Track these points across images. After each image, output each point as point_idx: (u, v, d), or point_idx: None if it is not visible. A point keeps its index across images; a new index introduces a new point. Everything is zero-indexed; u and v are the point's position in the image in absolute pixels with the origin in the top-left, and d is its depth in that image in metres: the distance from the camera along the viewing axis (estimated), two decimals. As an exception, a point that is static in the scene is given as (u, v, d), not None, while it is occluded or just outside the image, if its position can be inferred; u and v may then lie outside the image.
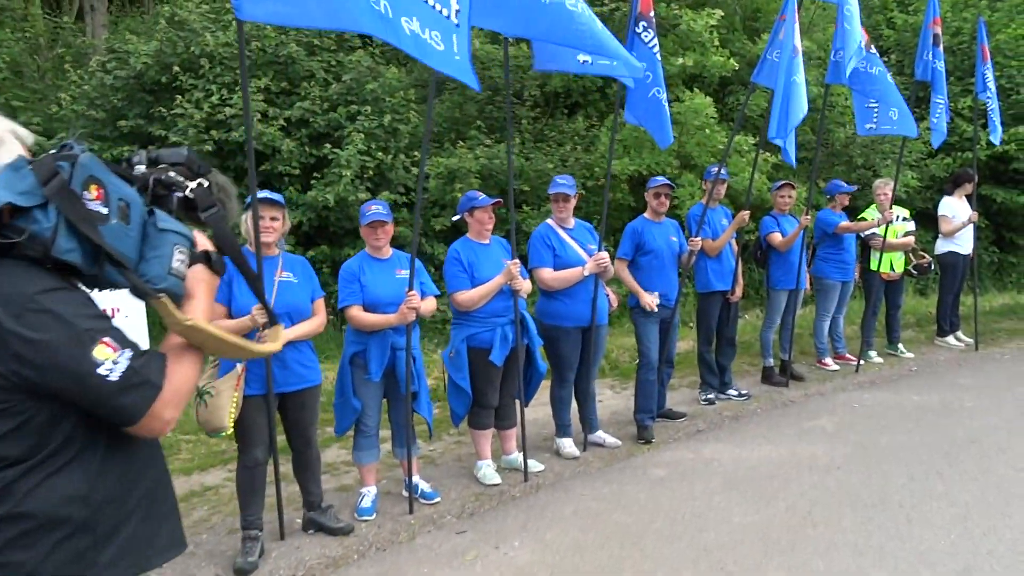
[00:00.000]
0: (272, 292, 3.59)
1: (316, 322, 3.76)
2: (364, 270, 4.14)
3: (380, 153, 8.11)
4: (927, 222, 12.39)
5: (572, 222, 5.16)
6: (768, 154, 9.96)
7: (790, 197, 6.81)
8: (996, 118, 7.71)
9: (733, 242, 6.31)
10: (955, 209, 8.10)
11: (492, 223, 4.63)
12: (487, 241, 4.67)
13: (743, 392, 6.49)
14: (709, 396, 6.39)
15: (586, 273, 4.92)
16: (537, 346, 4.77)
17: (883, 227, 7.16)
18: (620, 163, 9.25)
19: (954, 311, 8.47)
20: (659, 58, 4.94)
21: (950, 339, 8.35)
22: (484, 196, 4.60)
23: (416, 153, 8.81)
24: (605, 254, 4.98)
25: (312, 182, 7.80)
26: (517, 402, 4.77)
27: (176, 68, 7.91)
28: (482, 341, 4.51)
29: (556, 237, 5.04)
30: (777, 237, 6.71)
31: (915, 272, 7.69)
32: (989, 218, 12.37)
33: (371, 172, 8.05)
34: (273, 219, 3.59)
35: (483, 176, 8.57)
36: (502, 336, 4.52)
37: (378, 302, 4.06)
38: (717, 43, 9.55)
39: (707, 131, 9.66)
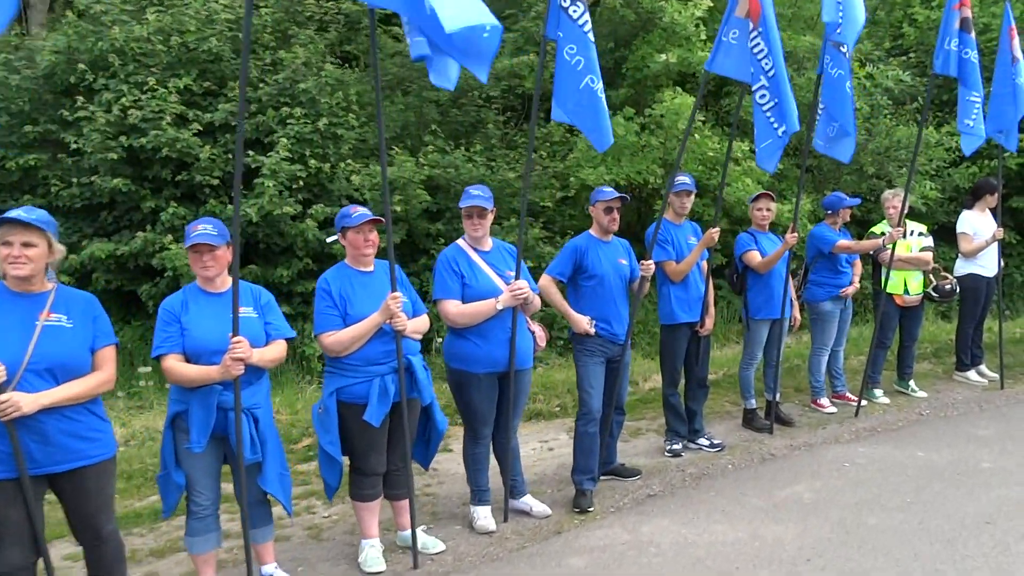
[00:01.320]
0: (30, 340, 2.76)
1: (95, 380, 2.93)
2: (188, 308, 3.31)
3: (314, 161, 7.31)
4: (950, 239, 11.39)
5: (488, 243, 4.33)
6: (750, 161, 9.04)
7: (768, 211, 5.92)
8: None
9: (703, 264, 5.42)
10: (976, 225, 7.13)
11: (373, 246, 3.79)
12: (369, 268, 3.83)
13: (716, 442, 5.59)
14: (675, 446, 5.51)
15: (500, 307, 4.07)
16: (430, 399, 3.91)
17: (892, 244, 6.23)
18: (595, 172, 8.39)
19: (976, 342, 7.48)
20: (592, 39, 4.07)
21: (971, 374, 7.36)
22: (362, 211, 3.75)
23: (365, 161, 8.01)
24: (524, 283, 4.12)
25: (233, 194, 7.02)
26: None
27: (82, 66, 7.18)
28: (355, 395, 3.68)
29: (467, 261, 4.21)
30: (755, 257, 5.81)
31: (936, 296, 6.72)
32: (1022, 233, 11.30)
33: (304, 182, 7.24)
34: (26, 245, 2.77)
35: (432, 187, 7.74)
36: (381, 389, 3.68)
37: (202, 350, 3.24)
38: (704, 37, 8.65)
39: (696, 136, 8.76)
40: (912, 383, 6.94)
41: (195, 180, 7.06)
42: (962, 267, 7.27)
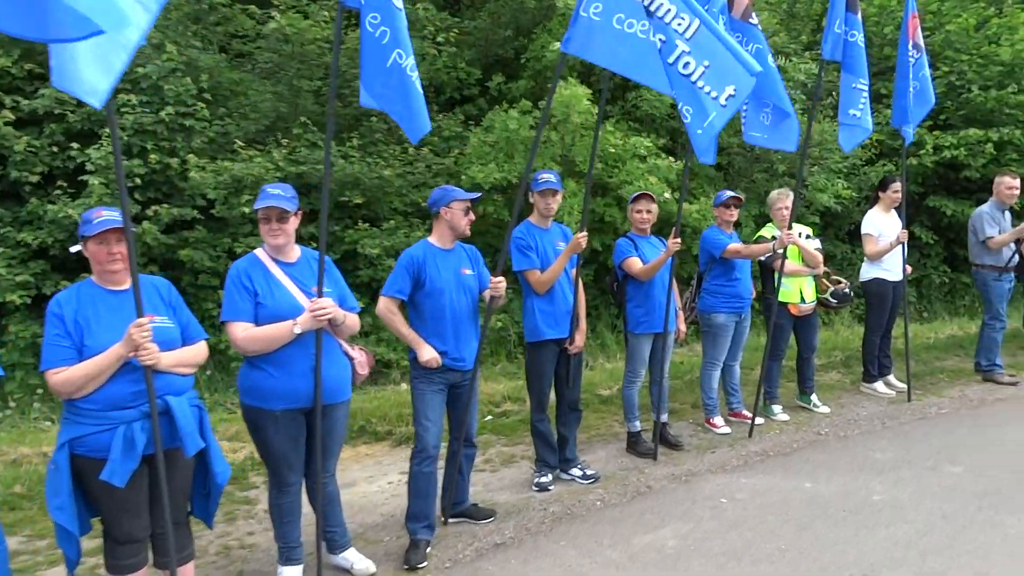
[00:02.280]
0: None
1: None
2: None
3: (156, 156, 6.51)
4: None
5: (294, 253, 3.66)
6: (672, 159, 8.57)
7: (649, 212, 5.40)
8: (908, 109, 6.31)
9: (572, 273, 4.85)
10: (881, 226, 6.74)
11: (121, 260, 3.07)
12: (121, 286, 3.12)
13: (589, 473, 5.04)
14: (543, 479, 4.95)
15: (298, 330, 3.40)
16: (201, 446, 3.21)
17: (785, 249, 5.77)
18: (484, 170, 7.77)
19: (884, 351, 7.11)
20: (400, 6, 3.42)
21: (879, 385, 6.98)
22: (106, 217, 3.02)
23: (213, 156, 7.14)
24: (328, 301, 3.47)
25: (58, 193, 6.19)
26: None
27: None
28: (94, 447, 2.98)
29: (263, 275, 3.55)
30: (635, 264, 5.27)
31: (834, 301, 6.28)
32: (939, 233, 11.11)
33: (144, 180, 6.44)
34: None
35: (304, 187, 7.01)
36: (126, 440, 2.98)
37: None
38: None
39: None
40: (815, 397, 6.51)
41: (11, 176, 6.20)
42: (867, 271, 6.88)
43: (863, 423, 6.06)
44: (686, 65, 4.22)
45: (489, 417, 6.44)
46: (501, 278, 4.12)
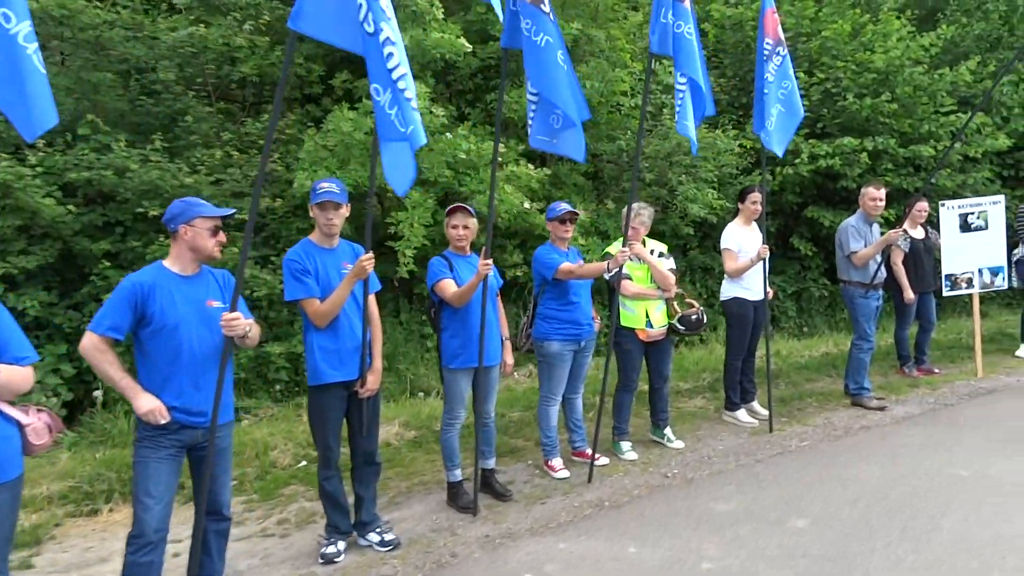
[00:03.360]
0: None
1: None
2: None
3: None
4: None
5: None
6: (532, 166, 7.95)
7: (466, 228, 4.73)
8: (768, 116, 5.85)
9: (367, 300, 4.11)
10: (741, 241, 6.27)
11: None
12: None
13: (389, 539, 4.36)
14: (330, 549, 4.24)
15: None
16: None
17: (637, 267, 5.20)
18: (312, 176, 6.94)
19: (747, 375, 6.65)
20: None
21: (740, 414, 6.50)
22: None
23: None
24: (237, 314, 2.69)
25: None
26: None
27: None
28: None
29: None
30: (448, 287, 4.59)
31: (681, 328, 5.73)
32: (819, 244, 10.88)
33: None
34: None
35: (97, 196, 6.03)
36: None
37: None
38: (442, 16, 7.41)
39: (447, 135, 7.52)
40: (668, 431, 5.96)
41: None
42: (726, 289, 6.41)
43: (716, 461, 5.53)
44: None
45: (303, 463, 5.64)
46: (236, 314, 3.33)
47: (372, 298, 4.25)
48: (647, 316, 5.55)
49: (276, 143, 8.01)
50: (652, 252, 5.65)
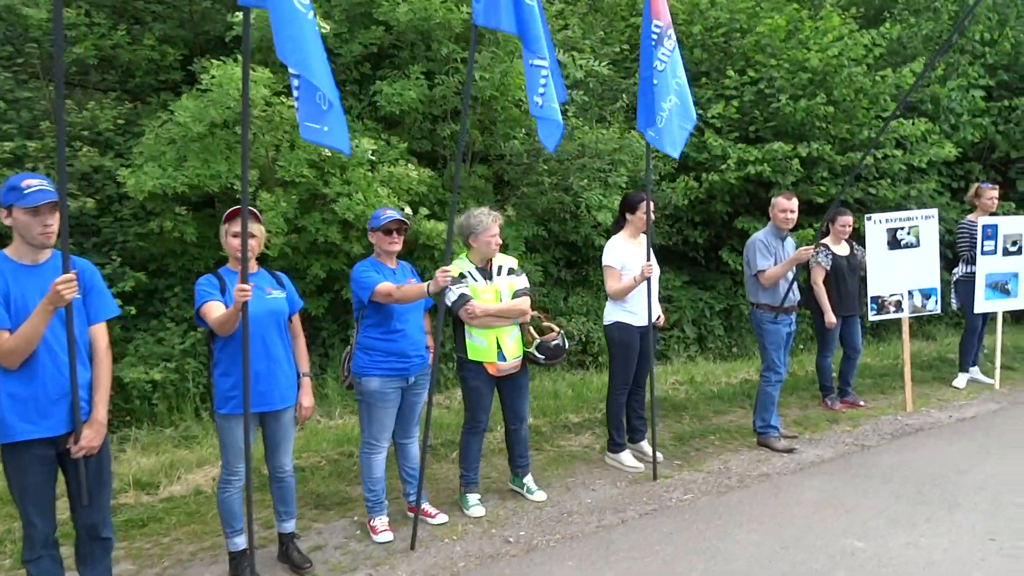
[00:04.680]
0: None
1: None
2: None
3: None
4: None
5: None
6: (415, 167, 7.09)
7: (253, 237, 3.79)
8: (660, 112, 5.04)
9: (86, 334, 3.21)
10: (625, 257, 5.45)
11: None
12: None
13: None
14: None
15: None
16: None
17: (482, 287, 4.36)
18: (135, 177, 6.02)
19: (636, 411, 5.84)
20: None
21: (625, 456, 5.69)
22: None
23: None
24: None
25: None
26: None
27: None
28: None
29: None
30: (211, 311, 3.70)
31: (540, 357, 4.88)
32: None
33: None
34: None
35: None
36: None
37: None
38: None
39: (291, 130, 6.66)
40: (529, 480, 5.12)
41: None
42: (609, 313, 5.58)
43: (575, 519, 4.69)
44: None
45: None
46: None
47: (100, 328, 3.36)
48: (498, 346, 4.69)
49: (124, 135, 7.07)
50: (500, 269, 4.79)
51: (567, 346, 4.98)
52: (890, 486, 5.14)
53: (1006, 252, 7.88)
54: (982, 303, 7.83)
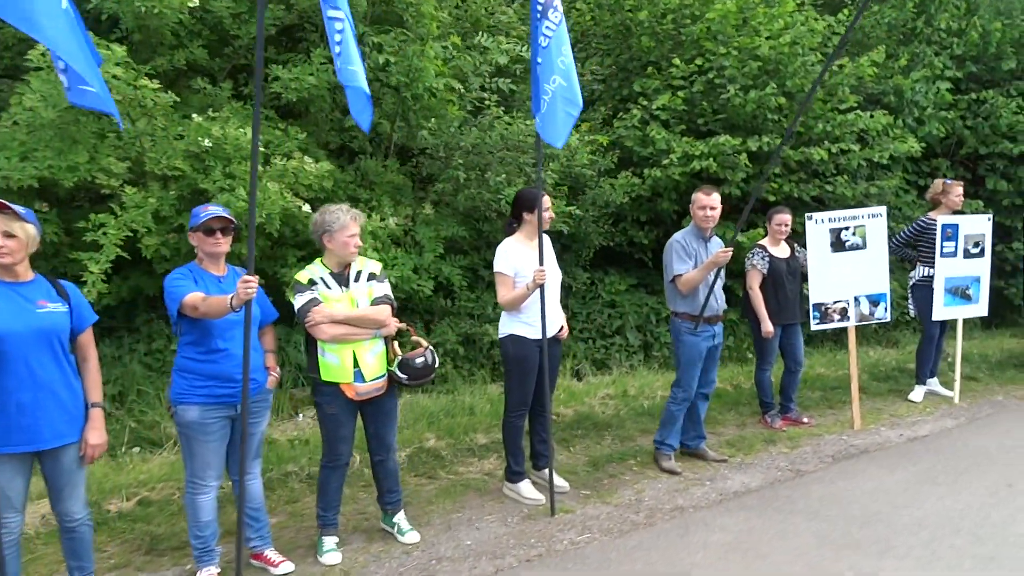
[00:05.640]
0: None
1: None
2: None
3: None
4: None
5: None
6: (312, 160, 6.42)
7: (10, 237, 3.13)
8: (543, 95, 4.40)
9: None
10: (517, 263, 4.79)
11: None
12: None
13: None
14: None
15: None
16: None
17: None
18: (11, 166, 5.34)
19: (540, 436, 5.21)
20: None
21: (524, 488, 5.05)
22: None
23: None
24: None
25: None
26: None
27: None
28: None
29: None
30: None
31: (403, 377, 4.18)
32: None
33: None
34: None
35: None
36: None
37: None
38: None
39: (196, 118, 5.97)
40: (401, 518, 4.45)
41: None
42: (504, 325, 4.92)
43: (441, 570, 4.02)
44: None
45: None
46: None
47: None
48: (355, 364, 4.01)
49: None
50: (359, 275, 4.12)
51: (437, 364, 4.29)
52: (816, 524, 4.50)
53: (967, 254, 7.29)
54: (940, 310, 7.22)
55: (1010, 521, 4.52)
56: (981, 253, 7.30)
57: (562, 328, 5.07)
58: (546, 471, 5.20)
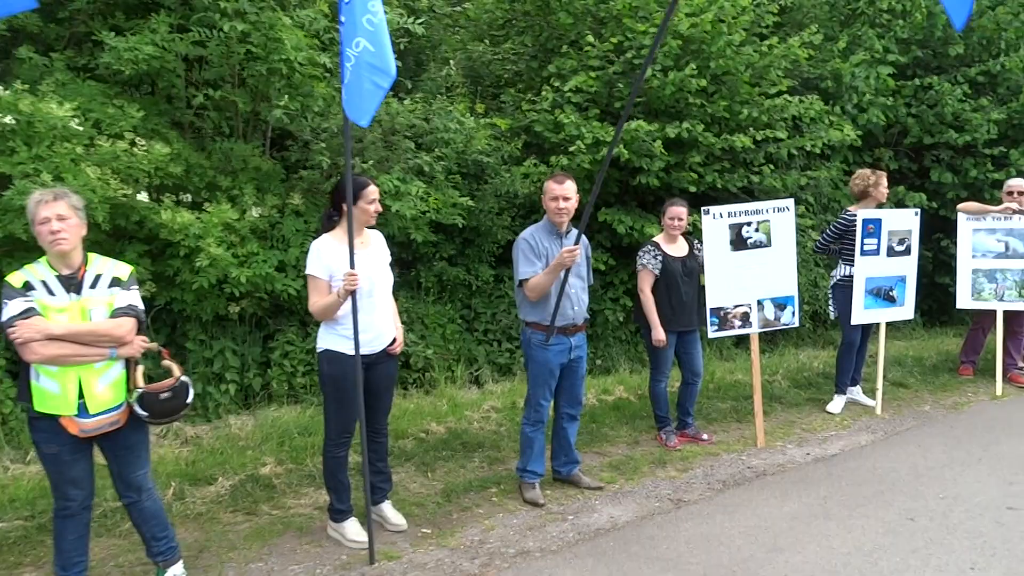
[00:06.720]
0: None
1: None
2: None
3: None
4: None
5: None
6: (128, 141, 5.61)
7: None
8: (346, 61, 3.65)
9: None
10: (331, 262, 4.06)
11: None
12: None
13: None
14: None
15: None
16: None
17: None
18: None
19: (378, 466, 4.44)
20: None
21: (347, 527, 4.33)
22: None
23: None
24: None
25: None
26: None
27: None
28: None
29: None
30: None
31: (143, 413, 3.38)
32: (620, 256, 8.72)
33: None
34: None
35: None
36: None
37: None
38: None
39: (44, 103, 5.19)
40: (177, 571, 3.67)
41: None
42: (320, 338, 4.16)
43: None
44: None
45: None
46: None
47: None
48: (80, 394, 3.24)
49: None
50: (97, 279, 3.33)
51: (190, 399, 3.52)
52: (679, 571, 3.80)
53: (891, 252, 6.62)
54: (860, 312, 6.56)
55: (897, 571, 3.85)
56: (908, 251, 6.65)
57: (395, 341, 4.33)
58: (383, 505, 4.48)
